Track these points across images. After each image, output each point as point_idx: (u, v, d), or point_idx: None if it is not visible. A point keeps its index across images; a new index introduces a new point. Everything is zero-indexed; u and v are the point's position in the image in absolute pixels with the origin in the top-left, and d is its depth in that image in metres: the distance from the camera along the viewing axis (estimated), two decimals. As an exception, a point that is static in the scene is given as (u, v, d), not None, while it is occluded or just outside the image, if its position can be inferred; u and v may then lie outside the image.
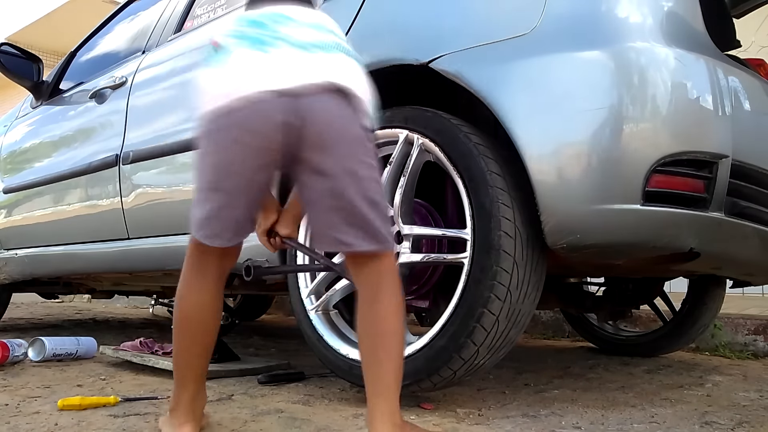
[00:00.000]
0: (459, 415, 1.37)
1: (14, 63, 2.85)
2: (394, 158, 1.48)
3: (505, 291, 1.28)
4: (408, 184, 1.46)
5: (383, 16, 1.63)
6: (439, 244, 1.52)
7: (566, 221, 1.26)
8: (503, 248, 1.28)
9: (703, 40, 1.36)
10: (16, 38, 9.28)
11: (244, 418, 1.34)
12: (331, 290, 1.55)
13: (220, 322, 1.76)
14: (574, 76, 1.28)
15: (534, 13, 1.34)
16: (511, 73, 1.34)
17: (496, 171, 1.33)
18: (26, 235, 2.78)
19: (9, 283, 2.93)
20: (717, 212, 1.30)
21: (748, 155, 1.35)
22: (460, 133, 1.38)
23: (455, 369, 1.34)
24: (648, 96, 1.25)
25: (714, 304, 2.26)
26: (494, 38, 1.38)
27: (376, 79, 1.58)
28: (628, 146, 1.24)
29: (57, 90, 2.87)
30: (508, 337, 1.35)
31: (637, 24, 1.29)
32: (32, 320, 3.88)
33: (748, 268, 1.63)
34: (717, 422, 1.36)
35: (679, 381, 1.86)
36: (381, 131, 1.52)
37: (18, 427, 1.28)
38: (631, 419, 1.37)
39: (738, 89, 1.37)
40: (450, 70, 1.41)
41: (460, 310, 1.31)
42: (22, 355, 2.11)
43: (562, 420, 1.35)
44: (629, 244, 1.30)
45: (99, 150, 2.38)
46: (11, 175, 2.95)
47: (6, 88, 7.19)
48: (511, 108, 1.31)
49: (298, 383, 1.73)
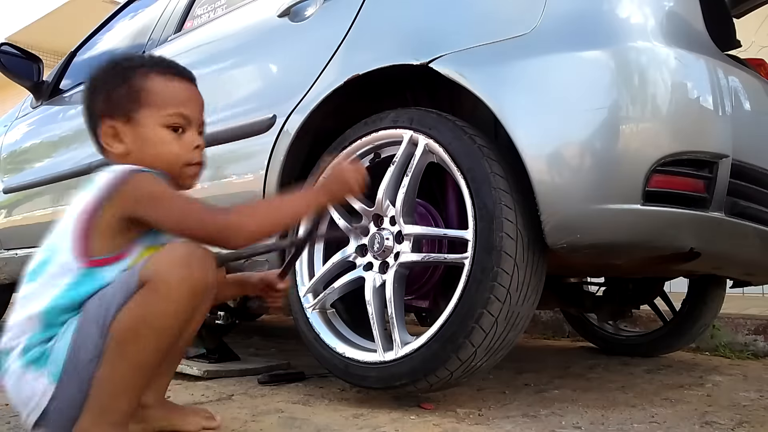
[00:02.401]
0: (459, 415, 1.37)
1: (14, 63, 2.85)
2: (398, 159, 1.48)
3: (505, 293, 1.28)
4: (410, 185, 1.46)
5: (383, 16, 1.63)
6: (438, 244, 1.52)
7: (566, 221, 1.26)
8: (504, 249, 1.28)
9: (703, 40, 1.36)
10: (16, 38, 9.27)
11: (244, 418, 1.34)
12: (329, 288, 1.55)
13: (219, 322, 1.76)
14: (575, 76, 1.28)
15: (534, 12, 1.34)
16: (511, 73, 1.34)
17: (499, 173, 1.33)
18: (26, 236, 2.78)
19: (9, 283, 2.93)
20: (717, 212, 1.30)
21: (748, 155, 1.35)
22: (464, 134, 1.38)
23: (452, 370, 1.34)
24: (648, 96, 1.25)
25: (714, 304, 2.26)
26: (494, 38, 1.38)
27: (375, 80, 1.60)
28: (628, 146, 1.24)
29: (57, 90, 2.87)
30: (506, 339, 1.35)
31: (637, 24, 1.29)
32: (32, 320, 3.88)
33: (748, 268, 1.63)
34: (717, 422, 1.36)
35: (679, 381, 1.86)
36: (385, 131, 1.52)
37: (18, 427, 1.28)
38: (631, 419, 1.37)
39: (738, 89, 1.37)
40: (450, 70, 1.41)
41: (460, 310, 1.31)
42: (22, 355, 2.10)
43: (562, 420, 1.35)
44: (629, 244, 1.30)
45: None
46: (11, 175, 2.95)
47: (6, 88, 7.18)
48: (511, 108, 1.31)
49: (298, 383, 1.73)
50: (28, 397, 0.98)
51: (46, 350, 0.97)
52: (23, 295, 1.02)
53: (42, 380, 0.97)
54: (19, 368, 0.98)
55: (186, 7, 2.39)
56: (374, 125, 1.54)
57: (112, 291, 0.98)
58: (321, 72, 1.66)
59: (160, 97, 1.10)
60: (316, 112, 1.64)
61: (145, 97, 1.09)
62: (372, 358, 1.44)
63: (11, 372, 0.99)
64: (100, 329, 0.96)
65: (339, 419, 1.33)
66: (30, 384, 0.97)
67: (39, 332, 0.99)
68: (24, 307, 1.01)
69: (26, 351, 0.98)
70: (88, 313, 0.98)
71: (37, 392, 0.97)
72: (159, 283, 0.95)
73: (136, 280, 0.96)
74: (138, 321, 0.95)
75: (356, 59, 1.60)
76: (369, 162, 1.59)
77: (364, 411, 1.40)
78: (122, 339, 0.95)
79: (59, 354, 0.97)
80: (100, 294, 0.99)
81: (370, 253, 1.51)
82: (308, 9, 1.78)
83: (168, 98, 1.11)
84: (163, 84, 1.11)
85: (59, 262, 1.01)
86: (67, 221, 1.05)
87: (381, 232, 1.49)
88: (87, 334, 0.97)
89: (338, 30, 1.66)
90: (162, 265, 0.96)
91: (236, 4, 2.12)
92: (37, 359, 0.97)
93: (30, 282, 1.02)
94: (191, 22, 2.34)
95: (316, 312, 1.58)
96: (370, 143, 1.56)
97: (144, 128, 1.09)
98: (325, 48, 1.67)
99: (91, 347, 0.96)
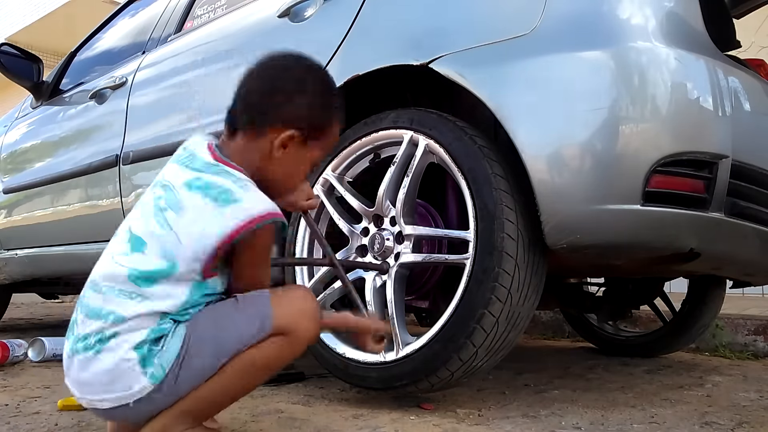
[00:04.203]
0: (459, 416, 1.37)
1: (14, 63, 2.85)
2: (398, 159, 1.48)
3: (506, 293, 1.28)
4: (411, 185, 1.46)
5: (383, 17, 1.63)
6: (438, 244, 1.52)
7: (566, 221, 1.26)
8: (506, 250, 1.28)
9: (703, 40, 1.36)
10: (16, 38, 9.28)
11: (243, 419, 1.34)
12: (329, 289, 1.55)
13: None
14: (575, 76, 1.28)
15: (534, 13, 1.34)
16: (511, 73, 1.34)
17: (500, 173, 1.33)
18: (26, 235, 2.78)
19: (9, 284, 2.93)
20: (717, 212, 1.30)
21: (748, 155, 1.35)
22: (465, 135, 1.38)
23: (453, 370, 1.34)
24: (648, 96, 1.25)
25: (714, 304, 2.26)
26: (494, 38, 1.38)
27: (375, 80, 1.60)
28: (628, 146, 1.24)
29: (57, 90, 2.87)
30: (507, 339, 1.35)
31: (637, 24, 1.29)
32: (32, 320, 3.88)
33: (748, 268, 1.63)
34: (717, 422, 1.36)
35: (679, 381, 1.86)
36: (385, 132, 1.52)
37: (18, 428, 1.28)
38: (631, 419, 1.37)
39: (738, 89, 1.38)
40: (450, 70, 1.41)
41: (461, 311, 1.31)
42: (22, 355, 2.11)
43: (562, 420, 1.35)
44: (629, 244, 1.30)
45: (99, 150, 2.38)
46: (11, 175, 2.95)
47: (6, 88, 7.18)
48: (511, 108, 1.31)
49: (298, 383, 1.74)
50: (122, 387, 0.99)
51: (153, 351, 0.98)
52: (150, 291, 1.00)
53: (143, 379, 0.98)
54: (123, 358, 0.98)
55: (186, 7, 2.39)
56: (374, 125, 1.55)
57: (239, 322, 1.02)
58: (321, 72, 1.66)
59: (328, 142, 1.17)
60: (316, 112, 1.64)
61: (325, 136, 1.15)
62: (372, 358, 1.44)
63: (111, 356, 0.98)
64: (215, 353, 1.01)
65: (339, 419, 1.33)
66: (129, 376, 0.98)
67: (154, 326, 0.99)
68: (146, 300, 1.00)
69: (140, 346, 0.98)
70: (203, 332, 1.01)
71: (133, 387, 0.98)
72: (301, 339, 1.05)
73: (270, 324, 1.02)
74: (268, 362, 1.04)
75: (356, 60, 1.60)
76: (369, 162, 1.60)
77: (364, 411, 1.40)
78: (242, 369, 1.02)
79: (165, 360, 0.99)
80: (213, 316, 1.03)
81: (371, 253, 1.51)
82: (308, 9, 1.78)
83: (329, 146, 1.19)
84: (334, 134, 1.17)
85: (187, 275, 1.01)
86: (195, 227, 1.02)
87: (381, 232, 1.49)
88: (199, 352, 1.00)
89: (338, 30, 1.66)
90: (301, 320, 1.05)
91: (236, 5, 2.12)
92: (145, 357, 0.98)
93: (146, 283, 1.00)
94: (191, 22, 2.34)
95: (316, 312, 1.58)
96: (370, 143, 1.56)
97: (305, 157, 1.14)
98: (325, 48, 1.67)
99: (199, 366, 1.00)
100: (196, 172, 1.05)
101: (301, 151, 1.12)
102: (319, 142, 1.14)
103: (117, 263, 1.03)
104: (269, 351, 1.02)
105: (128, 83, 2.35)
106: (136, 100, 2.28)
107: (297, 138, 1.10)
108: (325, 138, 1.15)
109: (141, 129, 2.22)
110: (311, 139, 1.12)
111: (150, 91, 2.26)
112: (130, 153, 2.21)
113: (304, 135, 1.11)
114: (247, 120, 1.11)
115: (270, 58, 1.15)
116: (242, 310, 1.03)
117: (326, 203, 1.60)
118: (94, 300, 1.02)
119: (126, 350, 0.98)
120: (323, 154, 1.18)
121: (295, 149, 1.11)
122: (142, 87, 2.29)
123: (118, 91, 2.40)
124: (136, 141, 2.21)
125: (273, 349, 1.02)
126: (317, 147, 1.14)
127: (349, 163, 1.61)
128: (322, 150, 1.16)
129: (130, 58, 2.49)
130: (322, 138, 1.14)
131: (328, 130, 1.15)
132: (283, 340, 1.02)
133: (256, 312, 1.03)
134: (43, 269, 2.70)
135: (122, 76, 2.40)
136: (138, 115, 2.26)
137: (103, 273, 1.04)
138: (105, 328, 0.98)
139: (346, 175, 1.62)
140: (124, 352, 0.98)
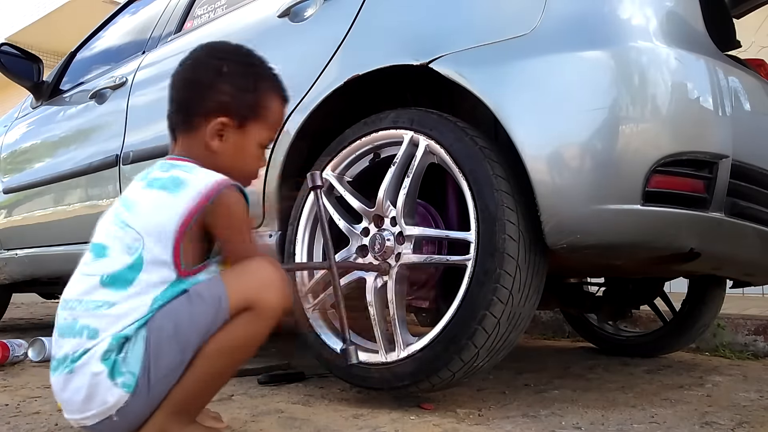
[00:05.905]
0: (459, 416, 1.37)
1: (14, 63, 2.85)
2: (398, 159, 1.48)
3: (507, 294, 1.28)
4: (411, 186, 1.45)
5: (383, 17, 1.63)
6: (438, 244, 1.52)
7: (566, 221, 1.26)
8: (507, 251, 1.28)
9: (703, 40, 1.36)
10: (16, 38, 9.28)
11: (244, 419, 1.34)
12: (330, 289, 1.55)
13: None
14: (575, 76, 1.28)
15: (534, 13, 1.34)
16: (511, 73, 1.34)
17: (501, 174, 1.33)
18: (26, 236, 2.78)
19: (9, 284, 2.93)
20: (717, 212, 1.30)
21: (748, 155, 1.35)
22: (466, 135, 1.38)
23: (455, 371, 1.34)
24: (648, 96, 1.25)
25: (714, 304, 2.26)
26: (494, 39, 1.38)
27: (375, 80, 1.59)
28: (628, 146, 1.24)
29: (57, 90, 2.87)
30: (508, 339, 1.35)
31: (638, 24, 1.29)
32: (32, 320, 3.88)
33: (748, 268, 1.63)
34: (717, 422, 1.36)
35: (679, 381, 1.86)
36: (386, 132, 1.52)
37: (18, 428, 1.28)
38: (631, 419, 1.37)
39: (738, 89, 1.38)
40: (450, 70, 1.41)
41: (462, 312, 1.31)
42: (22, 355, 2.11)
43: (562, 420, 1.35)
44: (629, 244, 1.30)
45: (99, 150, 2.38)
46: (11, 175, 2.95)
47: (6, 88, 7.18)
48: (511, 108, 1.31)
49: (298, 383, 1.74)
50: (99, 402, 0.98)
51: (117, 360, 0.97)
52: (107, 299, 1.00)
53: (116, 390, 0.97)
54: (93, 372, 0.97)
55: (186, 7, 2.39)
56: (374, 125, 1.54)
57: (194, 312, 1.00)
58: (321, 72, 1.66)
59: (271, 118, 1.15)
60: (316, 112, 1.64)
61: (264, 114, 1.13)
62: (373, 358, 1.44)
63: (82, 373, 0.98)
64: (179, 348, 0.99)
65: (339, 419, 1.33)
66: (102, 390, 0.97)
67: (115, 333, 0.98)
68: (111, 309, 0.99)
69: (107, 356, 0.97)
70: (163, 330, 0.99)
71: (109, 401, 0.98)
72: (266, 310, 1.01)
73: (227, 303, 0.99)
74: (239, 342, 1.01)
75: (356, 60, 1.60)
76: (369, 162, 1.60)
77: (364, 411, 1.40)
78: (215, 356, 1.00)
79: (133, 366, 0.98)
80: (170, 312, 1.00)
81: (371, 253, 1.50)
82: (308, 9, 1.78)
83: (275, 121, 1.17)
84: (277, 107, 1.16)
85: (157, 273, 1.01)
86: (151, 217, 1.03)
87: (382, 232, 1.49)
88: (163, 351, 0.98)
89: (338, 30, 1.66)
90: (262, 290, 1.01)
91: (236, 5, 2.12)
92: (113, 368, 0.97)
93: (115, 287, 1.00)
94: (191, 22, 2.34)
95: (316, 312, 1.58)
96: (370, 143, 1.56)
97: (247, 140, 1.13)
98: (325, 48, 1.67)
99: (168, 364, 0.99)
100: (151, 175, 1.09)
101: (240, 136, 1.11)
102: (257, 121, 1.12)
103: (86, 275, 1.04)
104: (236, 331, 1.00)
105: (128, 83, 2.35)
106: (137, 100, 2.28)
107: (229, 124, 1.10)
108: (263, 115, 1.13)
109: (141, 129, 2.21)
110: (246, 120, 1.11)
111: (150, 90, 2.26)
112: (131, 153, 2.21)
113: (235, 120, 1.10)
114: (180, 119, 1.13)
115: (189, 55, 1.16)
116: (196, 299, 1.01)
117: (326, 203, 1.60)
118: (65, 317, 1.02)
119: (94, 363, 0.97)
120: (270, 131, 1.16)
121: (233, 135, 1.10)
122: (143, 87, 2.29)
123: (118, 91, 2.40)
124: (137, 141, 2.21)
125: (240, 328, 1.00)
126: (257, 126, 1.13)
127: (348, 162, 1.61)
128: (264, 127, 1.14)
129: (130, 58, 2.49)
130: (259, 116, 1.12)
131: (261, 107, 1.13)
132: (250, 315, 1.00)
133: (210, 296, 1.00)
134: (43, 269, 2.70)
135: (122, 76, 2.41)
136: (138, 115, 2.26)
137: (75, 291, 1.04)
138: (81, 344, 0.98)
139: (345, 174, 1.62)
140: (94, 366, 0.97)
